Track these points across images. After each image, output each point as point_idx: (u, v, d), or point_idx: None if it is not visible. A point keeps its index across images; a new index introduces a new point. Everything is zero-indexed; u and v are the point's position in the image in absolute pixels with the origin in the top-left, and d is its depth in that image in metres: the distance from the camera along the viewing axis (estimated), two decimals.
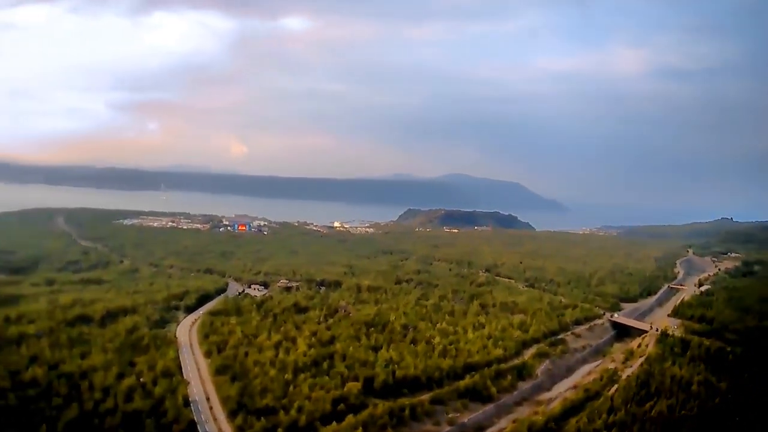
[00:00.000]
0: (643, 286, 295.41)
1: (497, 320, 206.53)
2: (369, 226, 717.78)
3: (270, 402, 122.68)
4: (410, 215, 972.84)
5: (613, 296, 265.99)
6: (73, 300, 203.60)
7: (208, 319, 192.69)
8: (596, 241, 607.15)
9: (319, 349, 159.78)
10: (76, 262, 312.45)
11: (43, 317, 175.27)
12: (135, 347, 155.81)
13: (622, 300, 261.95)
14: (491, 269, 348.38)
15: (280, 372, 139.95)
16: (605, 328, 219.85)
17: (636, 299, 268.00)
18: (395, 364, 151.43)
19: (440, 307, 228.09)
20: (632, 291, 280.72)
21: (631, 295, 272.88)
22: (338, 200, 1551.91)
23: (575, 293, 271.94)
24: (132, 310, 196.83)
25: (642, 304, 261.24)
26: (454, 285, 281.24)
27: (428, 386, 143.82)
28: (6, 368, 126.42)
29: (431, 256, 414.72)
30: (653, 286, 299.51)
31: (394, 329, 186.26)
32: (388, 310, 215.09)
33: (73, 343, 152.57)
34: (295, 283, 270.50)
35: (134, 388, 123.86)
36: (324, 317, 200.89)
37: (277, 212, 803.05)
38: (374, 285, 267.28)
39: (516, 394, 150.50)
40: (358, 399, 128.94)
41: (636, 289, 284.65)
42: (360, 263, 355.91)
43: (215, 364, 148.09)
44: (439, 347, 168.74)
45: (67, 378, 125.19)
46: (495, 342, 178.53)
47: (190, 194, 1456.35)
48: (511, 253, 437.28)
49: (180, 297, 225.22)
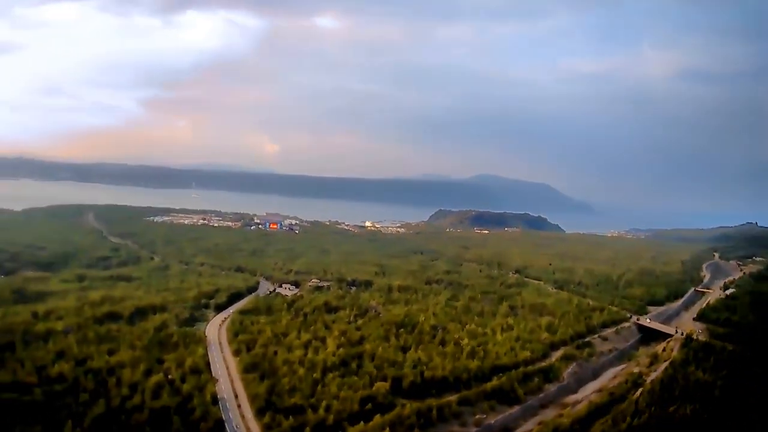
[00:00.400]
0: (669, 289, 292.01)
1: (525, 322, 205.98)
2: (400, 226, 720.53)
3: (298, 401, 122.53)
4: (441, 216, 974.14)
5: (640, 299, 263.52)
6: (103, 297, 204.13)
7: (238, 318, 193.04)
8: (624, 244, 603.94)
9: (349, 348, 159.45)
10: (106, 258, 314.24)
11: (71, 314, 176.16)
12: (164, 345, 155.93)
13: (648, 303, 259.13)
14: (521, 271, 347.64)
15: (309, 371, 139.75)
16: (632, 331, 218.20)
17: (663, 302, 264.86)
18: (424, 365, 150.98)
19: (470, 308, 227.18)
20: (659, 294, 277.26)
21: (658, 299, 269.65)
22: (370, 200, 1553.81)
23: (603, 296, 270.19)
24: (161, 307, 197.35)
25: (668, 307, 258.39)
26: (484, 286, 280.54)
27: (456, 387, 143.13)
28: (33, 364, 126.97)
29: (461, 256, 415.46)
30: (680, 289, 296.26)
31: (424, 330, 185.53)
32: (418, 310, 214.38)
33: (101, 340, 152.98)
34: (326, 282, 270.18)
35: (162, 385, 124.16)
36: (354, 317, 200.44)
37: (309, 211, 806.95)
38: (405, 285, 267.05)
39: (542, 396, 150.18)
40: (386, 399, 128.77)
41: (663, 293, 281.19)
42: (391, 263, 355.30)
43: (244, 362, 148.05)
44: (467, 348, 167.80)
45: (95, 374, 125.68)
46: (523, 344, 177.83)
47: (222, 193, 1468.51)
48: (540, 255, 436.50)
49: (210, 295, 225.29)
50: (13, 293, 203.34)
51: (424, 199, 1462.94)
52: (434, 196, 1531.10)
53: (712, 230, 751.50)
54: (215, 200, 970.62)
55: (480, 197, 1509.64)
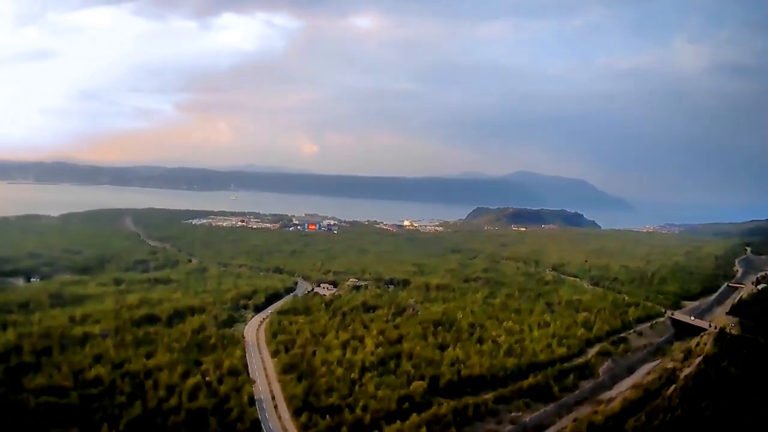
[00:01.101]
0: (703, 284, 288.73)
1: (562, 318, 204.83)
2: (438, 225, 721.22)
3: (335, 401, 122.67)
4: (479, 214, 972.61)
5: (674, 294, 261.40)
6: (140, 300, 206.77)
7: (276, 319, 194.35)
8: (659, 240, 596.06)
9: (387, 348, 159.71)
10: (144, 261, 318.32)
11: (109, 317, 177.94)
12: (201, 347, 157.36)
13: (683, 298, 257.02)
14: (557, 268, 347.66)
15: (347, 371, 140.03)
16: (666, 326, 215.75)
17: (696, 297, 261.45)
18: (461, 363, 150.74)
19: (507, 305, 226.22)
20: (693, 289, 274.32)
21: (692, 294, 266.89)
22: (408, 199, 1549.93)
23: (638, 291, 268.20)
24: (200, 309, 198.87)
25: (702, 302, 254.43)
26: (521, 283, 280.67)
27: (492, 385, 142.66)
28: (69, 367, 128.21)
29: (499, 254, 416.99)
30: (713, 284, 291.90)
31: (461, 328, 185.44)
32: (456, 308, 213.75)
33: (139, 343, 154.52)
34: (364, 281, 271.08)
35: (199, 387, 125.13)
36: (392, 316, 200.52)
37: (348, 211, 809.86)
38: (442, 284, 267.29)
39: (577, 393, 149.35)
40: (424, 398, 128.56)
41: (697, 288, 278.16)
42: (429, 262, 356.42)
43: (282, 363, 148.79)
44: (504, 346, 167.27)
45: (132, 377, 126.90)
46: (559, 341, 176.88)
47: (261, 194, 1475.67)
48: (576, 252, 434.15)
49: (249, 296, 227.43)
50: (50, 297, 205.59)
51: (463, 197, 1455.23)
52: (472, 194, 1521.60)
53: (744, 224, 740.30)
54: (254, 202, 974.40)
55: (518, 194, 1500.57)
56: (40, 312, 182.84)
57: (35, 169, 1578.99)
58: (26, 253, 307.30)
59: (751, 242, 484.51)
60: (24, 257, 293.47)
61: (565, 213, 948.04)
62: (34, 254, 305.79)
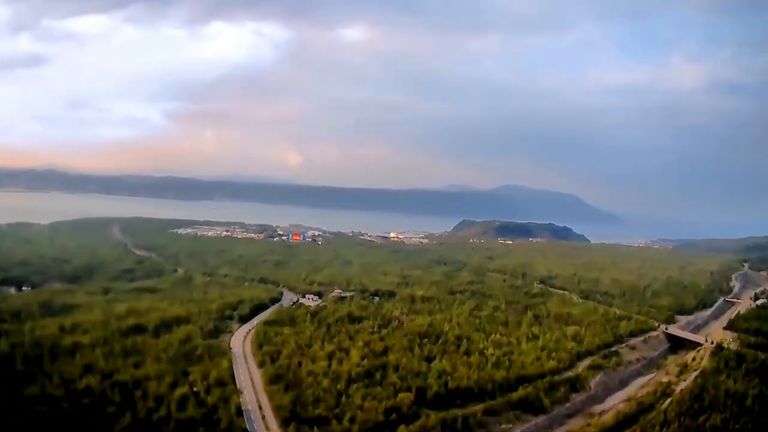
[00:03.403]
0: (698, 299, 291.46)
1: (551, 332, 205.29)
2: (423, 237, 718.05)
3: (322, 412, 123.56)
4: (465, 226, 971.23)
5: (668, 309, 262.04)
6: (128, 309, 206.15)
7: (262, 329, 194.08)
8: (651, 254, 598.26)
9: (373, 359, 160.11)
10: (131, 270, 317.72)
11: (97, 327, 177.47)
12: (189, 357, 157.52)
13: (677, 313, 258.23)
14: (545, 281, 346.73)
15: (333, 382, 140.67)
16: (660, 340, 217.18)
17: (691, 312, 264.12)
18: (448, 375, 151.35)
19: (494, 318, 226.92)
20: (687, 304, 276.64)
21: (686, 308, 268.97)
22: (394, 210, 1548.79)
23: (630, 305, 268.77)
24: (186, 319, 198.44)
25: (697, 317, 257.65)
26: (508, 296, 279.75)
27: (481, 397, 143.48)
28: (60, 377, 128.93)
29: (485, 267, 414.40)
30: (708, 299, 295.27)
31: (448, 340, 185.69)
32: (442, 320, 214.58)
33: (127, 353, 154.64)
34: (349, 293, 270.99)
35: (187, 397, 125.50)
36: (378, 327, 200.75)
37: (333, 222, 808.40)
38: (428, 295, 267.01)
39: (569, 406, 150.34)
40: (411, 410, 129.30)
41: (691, 302, 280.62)
42: (414, 273, 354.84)
43: (268, 373, 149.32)
44: (492, 358, 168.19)
45: (121, 387, 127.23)
46: (549, 353, 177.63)
47: (247, 204, 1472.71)
48: (565, 265, 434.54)
49: (234, 306, 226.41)
50: (40, 306, 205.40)
51: (448, 209, 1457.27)
52: (458, 206, 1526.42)
53: (741, 240, 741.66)
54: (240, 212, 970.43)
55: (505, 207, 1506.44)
56: (32, 321, 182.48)
57: (26, 177, 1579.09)
58: (17, 261, 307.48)
59: (748, 258, 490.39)
60: (15, 265, 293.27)
61: (553, 226, 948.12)
62: (25, 262, 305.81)
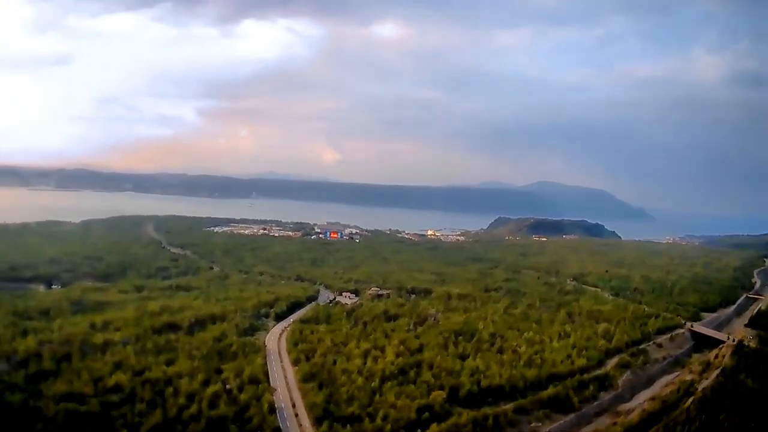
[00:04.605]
0: (722, 296, 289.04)
1: (582, 329, 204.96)
2: (459, 234, 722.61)
3: (356, 410, 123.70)
4: (500, 223, 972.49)
5: (693, 306, 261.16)
6: (161, 307, 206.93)
7: (297, 327, 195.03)
8: (679, 251, 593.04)
9: (407, 357, 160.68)
10: (165, 268, 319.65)
11: (130, 324, 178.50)
12: (222, 354, 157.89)
13: (702, 309, 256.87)
14: (578, 278, 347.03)
15: (367, 380, 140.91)
16: (685, 338, 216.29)
17: (715, 309, 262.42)
18: (481, 373, 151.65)
19: (528, 315, 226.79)
20: (712, 300, 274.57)
21: (711, 305, 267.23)
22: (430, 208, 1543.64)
23: (658, 302, 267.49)
24: (221, 317, 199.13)
25: (720, 314, 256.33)
26: (542, 294, 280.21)
27: (512, 396, 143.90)
28: (89, 374, 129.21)
29: (519, 264, 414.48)
30: (731, 295, 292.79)
31: (482, 338, 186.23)
32: (477, 318, 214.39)
33: (160, 351, 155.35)
34: (385, 291, 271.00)
35: (219, 395, 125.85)
36: (413, 325, 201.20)
37: (370, 220, 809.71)
38: (463, 293, 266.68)
39: (597, 404, 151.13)
40: (443, 408, 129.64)
41: (716, 299, 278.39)
42: (450, 271, 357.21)
43: (303, 371, 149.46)
44: (524, 356, 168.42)
45: (152, 384, 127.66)
46: (579, 351, 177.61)
47: (283, 202, 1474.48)
48: (597, 262, 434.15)
49: (270, 304, 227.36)
50: (71, 304, 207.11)
51: (484, 206, 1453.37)
52: (494, 203, 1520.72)
53: (763, 236, 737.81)
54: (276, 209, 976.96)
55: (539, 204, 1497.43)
56: (61, 319, 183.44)
57: (56, 176, 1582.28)
58: (47, 259, 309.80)
59: None
60: (44, 264, 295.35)
61: (585, 223, 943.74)
62: (55, 261, 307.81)
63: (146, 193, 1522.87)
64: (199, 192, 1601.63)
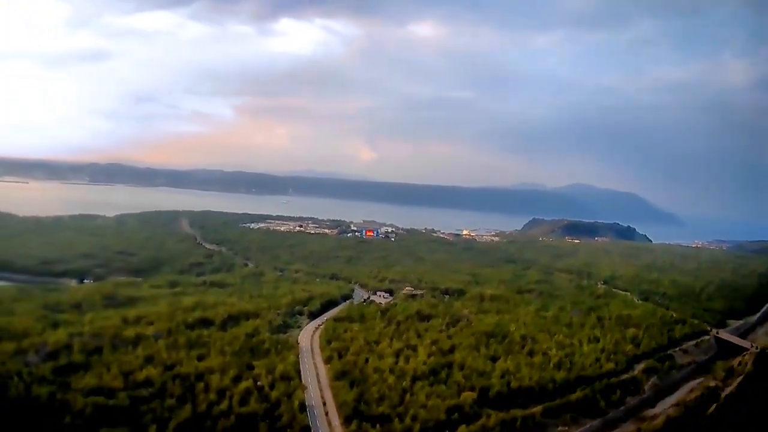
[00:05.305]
0: (748, 302, 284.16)
1: (612, 333, 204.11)
2: (494, 235, 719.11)
3: (386, 409, 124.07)
4: (534, 225, 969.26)
5: (720, 312, 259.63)
6: (195, 303, 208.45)
7: (331, 325, 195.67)
8: (707, 255, 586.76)
9: (439, 357, 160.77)
10: (200, 264, 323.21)
11: (162, 319, 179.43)
12: (255, 351, 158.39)
13: (728, 316, 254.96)
14: (609, 281, 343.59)
15: (399, 379, 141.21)
16: (711, 344, 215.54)
17: (741, 316, 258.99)
18: (511, 375, 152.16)
19: (559, 318, 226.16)
20: (738, 307, 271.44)
21: (737, 311, 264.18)
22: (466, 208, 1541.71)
23: (685, 307, 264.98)
24: (254, 314, 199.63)
25: (746, 321, 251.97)
26: (574, 296, 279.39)
27: (541, 398, 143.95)
28: (119, 368, 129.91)
29: (552, 266, 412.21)
30: (758, 302, 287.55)
31: (513, 340, 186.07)
32: (509, 320, 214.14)
33: (192, 346, 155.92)
34: (419, 291, 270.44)
35: (250, 391, 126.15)
36: (446, 326, 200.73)
37: (405, 219, 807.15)
38: (497, 294, 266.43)
39: (623, 409, 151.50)
40: (473, 409, 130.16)
41: (742, 305, 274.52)
42: (484, 272, 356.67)
43: (335, 369, 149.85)
44: (554, 359, 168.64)
45: (182, 379, 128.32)
46: (608, 356, 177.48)
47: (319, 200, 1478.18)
48: (628, 265, 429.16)
49: (304, 302, 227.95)
50: (103, 298, 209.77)
51: (519, 207, 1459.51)
52: (529, 204, 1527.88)
53: None
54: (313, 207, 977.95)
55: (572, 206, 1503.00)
56: (93, 312, 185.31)
57: (90, 171, 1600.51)
58: (79, 253, 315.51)
59: None
60: (77, 258, 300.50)
61: (618, 226, 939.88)
62: (88, 255, 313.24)
63: (182, 189, 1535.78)
64: (236, 188, 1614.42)
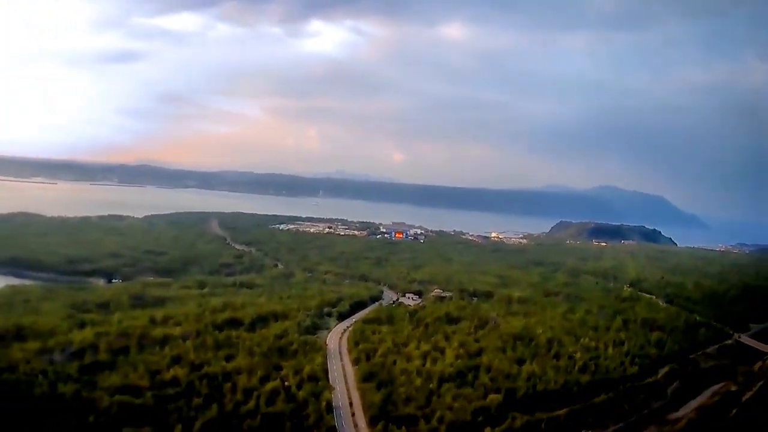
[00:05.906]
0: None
1: (636, 337, 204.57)
2: (522, 237, 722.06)
3: (412, 411, 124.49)
4: (561, 227, 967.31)
5: (742, 315, 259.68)
6: (224, 303, 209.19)
7: (360, 327, 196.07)
8: (731, 259, 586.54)
9: (466, 360, 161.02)
10: (229, 265, 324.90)
11: (190, 319, 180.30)
12: (283, 352, 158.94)
13: (751, 320, 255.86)
14: (634, 284, 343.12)
15: (426, 381, 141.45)
16: (733, 348, 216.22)
17: (764, 319, 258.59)
18: (537, 378, 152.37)
19: (585, 321, 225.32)
20: (761, 310, 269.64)
21: (760, 315, 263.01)
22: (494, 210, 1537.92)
23: (709, 311, 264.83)
24: (283, 315, 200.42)
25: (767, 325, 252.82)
26: (600, 299, 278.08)
27: (566, 401, 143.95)
28: (146, 367, 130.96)
29: (579, 268, 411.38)
30: None
31: (540, 342, 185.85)
32: (536, 323, 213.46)
33: (220, 346, 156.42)
34: (448, 293, 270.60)
35: (277, 392, 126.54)
36: (474, 328, 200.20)
37: (434, 221, 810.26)
38: (524, 297, 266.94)
39: (646, 412, 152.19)
40: (499, 411, 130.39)
41: (765, 309, 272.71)
42: (512, 274, 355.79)
43: (362, 371, 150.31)
44: (579, 362, 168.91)
45: (210, 379, 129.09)
46: (632, 359, 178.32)
47: (349, 201, 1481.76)
48: (653, 268, 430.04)
49: (333, 304, 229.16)
50: (131, 298, 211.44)
51: (547, 209, 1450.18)
52: (557, 207, 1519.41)
53: None
54: (342, 208, 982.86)
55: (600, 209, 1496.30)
56: (120, 312, 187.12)
57: (119, 171, 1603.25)
58: (108, 253, 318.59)
59: None
60: (105, 257, 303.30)
61: (643, 229, 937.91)
62: (116, 255, 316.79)
63: (212, 190, 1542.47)
64: (266, 190, 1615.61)
